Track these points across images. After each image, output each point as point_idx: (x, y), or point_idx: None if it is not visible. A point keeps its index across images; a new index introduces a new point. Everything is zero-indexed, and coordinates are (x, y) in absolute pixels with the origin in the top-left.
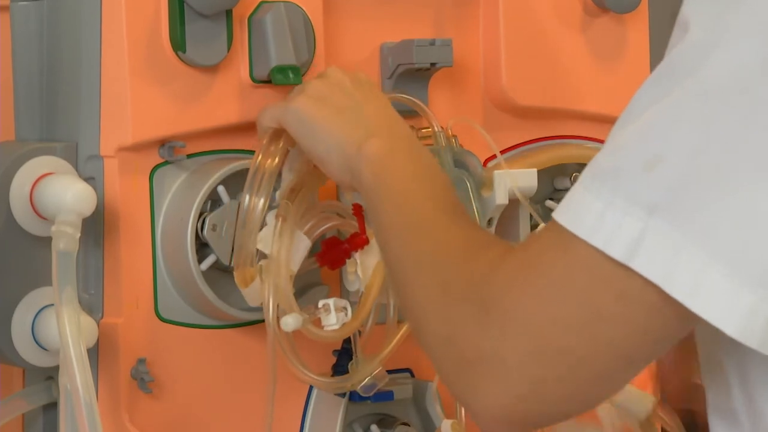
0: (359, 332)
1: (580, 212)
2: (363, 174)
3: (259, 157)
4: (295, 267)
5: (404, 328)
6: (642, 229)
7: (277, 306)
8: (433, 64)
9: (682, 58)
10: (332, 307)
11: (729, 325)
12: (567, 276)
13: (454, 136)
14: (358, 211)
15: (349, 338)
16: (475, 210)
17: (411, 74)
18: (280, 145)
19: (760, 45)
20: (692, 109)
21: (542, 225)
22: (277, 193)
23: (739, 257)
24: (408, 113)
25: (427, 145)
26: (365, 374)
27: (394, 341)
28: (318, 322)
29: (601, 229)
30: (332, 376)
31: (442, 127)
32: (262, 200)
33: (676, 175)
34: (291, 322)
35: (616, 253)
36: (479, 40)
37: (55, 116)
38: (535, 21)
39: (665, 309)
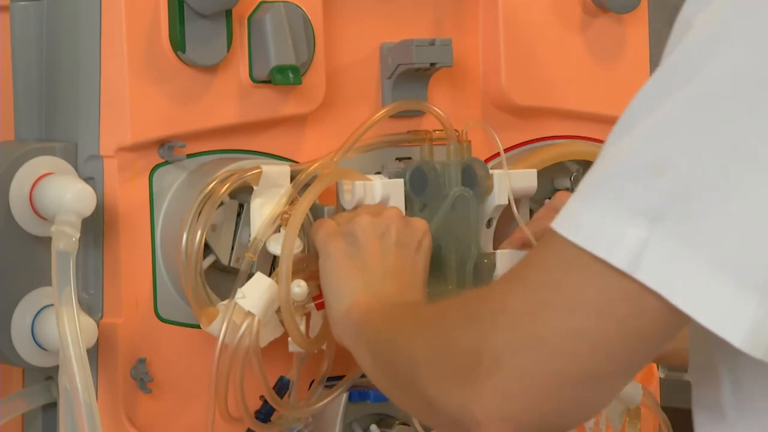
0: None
1: (579, 221)
2: (346, 327)
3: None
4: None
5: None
6: (645, 237)
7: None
8: (432, 64)
9: (683, 60)
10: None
11: (735, 337)
12: (560, 276)
13: (468, 142)
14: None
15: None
16: (471, 231)
17: (411, 74)
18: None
19: (764, 49)
20: (695, 114)
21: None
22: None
23: (743, 267)
24: (413, 114)
25: (440, 143)
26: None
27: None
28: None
29: (602, 238)
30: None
31: (456, 130)
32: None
33: (680, 182)
34: (298, 291)
35: (620, 262)
36: (479, 40)
37: (55, 116)
38: (535, 21)
39: (667, 316)
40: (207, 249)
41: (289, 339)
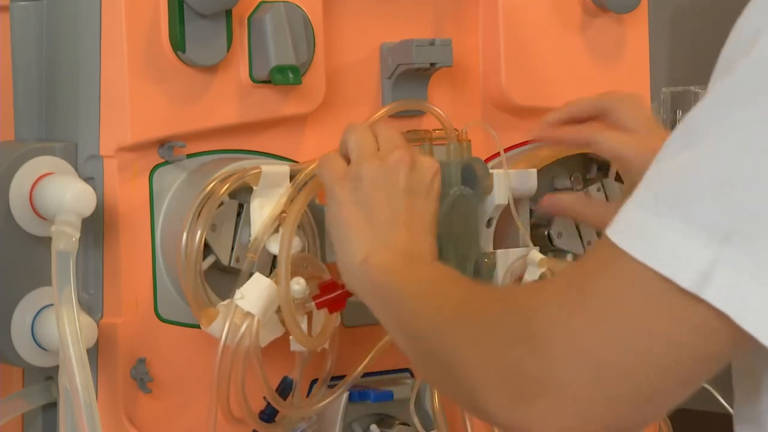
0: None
1: (641, 235)
2: (363, 283)
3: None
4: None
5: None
6: (714, 258)
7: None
8: (432, 64)
9: (753, 73)
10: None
11: None
12: (623, 297)
13: (468, 142)
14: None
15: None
16: (471, 231)
17: (411, 74)
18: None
19: None
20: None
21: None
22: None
23: None
24: (413, 113)
25: (440, 143)
26: (292, 425)
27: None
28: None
29: (667, 256)
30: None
31: (456, 130)
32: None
33: (748, 202)
34: (297, 288)
35: (685, 282)
36: (479, 40)
37: (55, 116)
38: (535, 21)
39: (731, 337)
40: (207, 249)
41: (291, 338)
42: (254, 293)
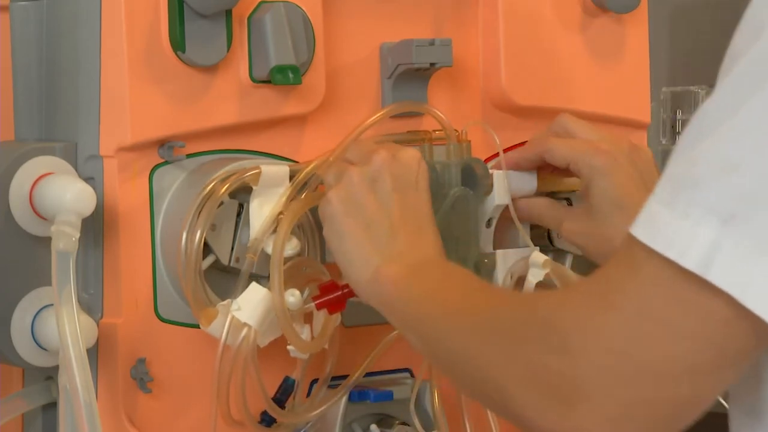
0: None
1: (654, 224)
2: (377, 299)
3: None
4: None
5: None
6: (716, 239)
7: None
8: (432, 64)
9: (759, 61)
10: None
11: None
12: (648, 294)
13: (468, 142)
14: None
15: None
16: (471, 231)
17: (410, 74)
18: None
19: None
20: None
21: None
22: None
23: None
24: (413, 114)
25: (440, 143)
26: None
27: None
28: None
29: (675, 241)
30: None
31: (456, 130)
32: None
33: (752, 183)
34: (292, 300)
35: (691, 264)
36: (479, 40)
37: (55, 116)
38: (535, 21)
39: (741, 323)
40: (207, 249)
41: (290, 346)
42: (251, 304)
